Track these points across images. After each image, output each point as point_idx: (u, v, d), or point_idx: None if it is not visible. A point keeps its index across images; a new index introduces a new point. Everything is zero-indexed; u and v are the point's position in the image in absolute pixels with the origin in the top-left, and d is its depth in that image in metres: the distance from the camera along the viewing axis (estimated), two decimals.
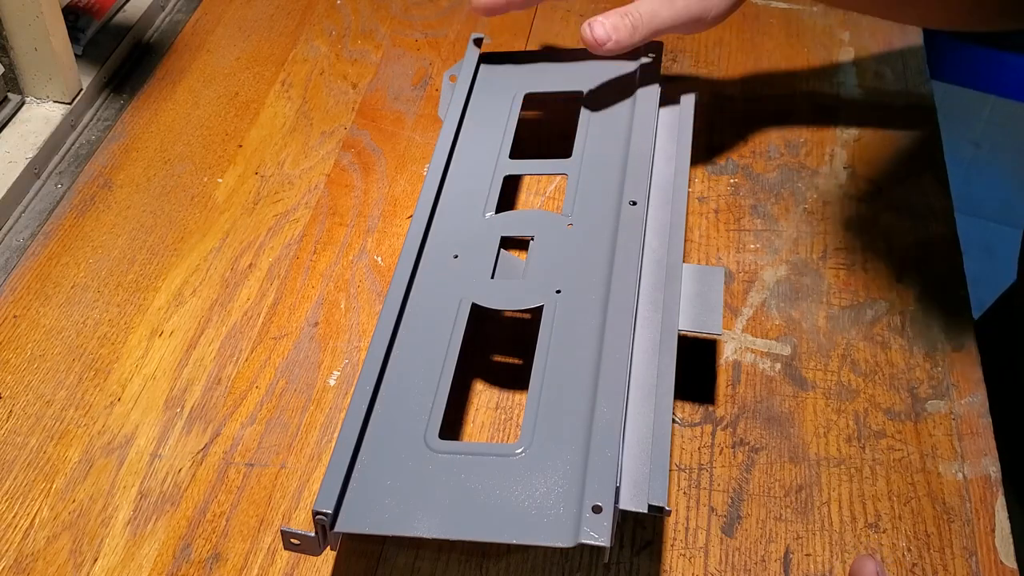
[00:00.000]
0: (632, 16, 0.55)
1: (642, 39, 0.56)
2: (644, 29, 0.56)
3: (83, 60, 0.69)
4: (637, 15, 0.56)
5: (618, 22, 0.55)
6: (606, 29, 0.55)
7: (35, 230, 0.62)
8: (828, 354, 0.56)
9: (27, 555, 0.47)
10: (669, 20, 0.56)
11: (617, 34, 0.55)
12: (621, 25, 0.55)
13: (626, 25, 0.55)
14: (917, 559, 0.48)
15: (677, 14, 0.56)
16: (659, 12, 0.56)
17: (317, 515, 0.41)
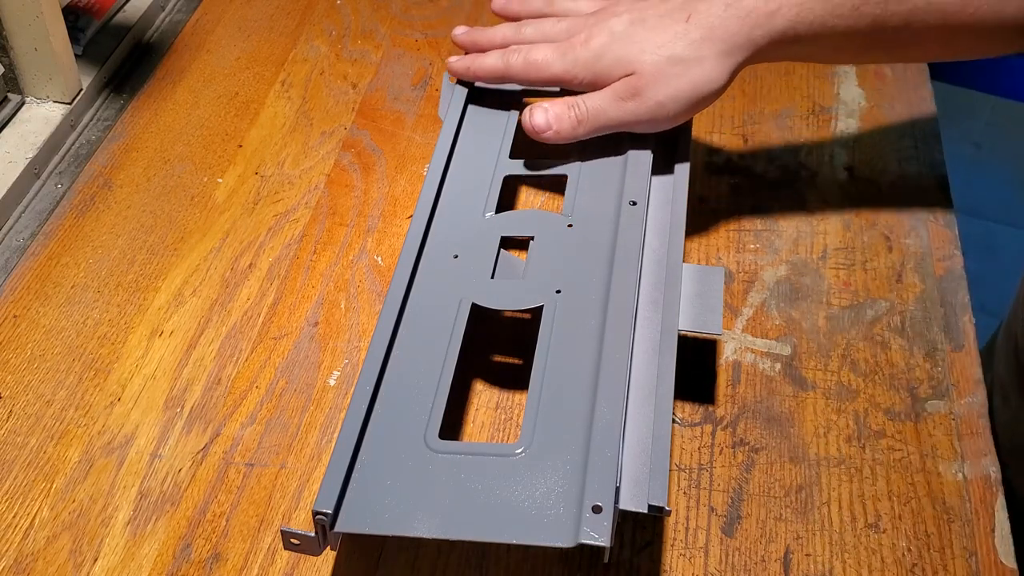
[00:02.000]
0: (578, 109, 0.53)
1: (585, 134, 0.54)
2: (589, 124, 0.54)
3: (83, 60, 0.69)
4: (583, 109, 0.54)
5: (562, 113, 0.54)
6: (548, 118, 0.54)
7: (35, 230, 0.62)
8: (828, 354, 0.56)
9: (27, 555, 0.47)
10: (616, 119, 0.53)
11: (559, 124, 0.54)
12: (565, 116, 0.54)
13: (570, 117, 0.54)
14: (917, 559, 0.48)
15: (624, 115, 0.53)
16: (606, 110, 0.53)
17: (317, 515, 0.41)
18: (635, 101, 0.53)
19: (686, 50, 0.52)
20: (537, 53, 0.55)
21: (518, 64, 0.55)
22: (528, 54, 0.55)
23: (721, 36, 0.51)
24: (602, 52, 0.53)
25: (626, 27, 0.53)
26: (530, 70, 0.55)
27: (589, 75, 0.54)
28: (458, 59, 0.59)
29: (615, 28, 0.54)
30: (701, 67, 0.52)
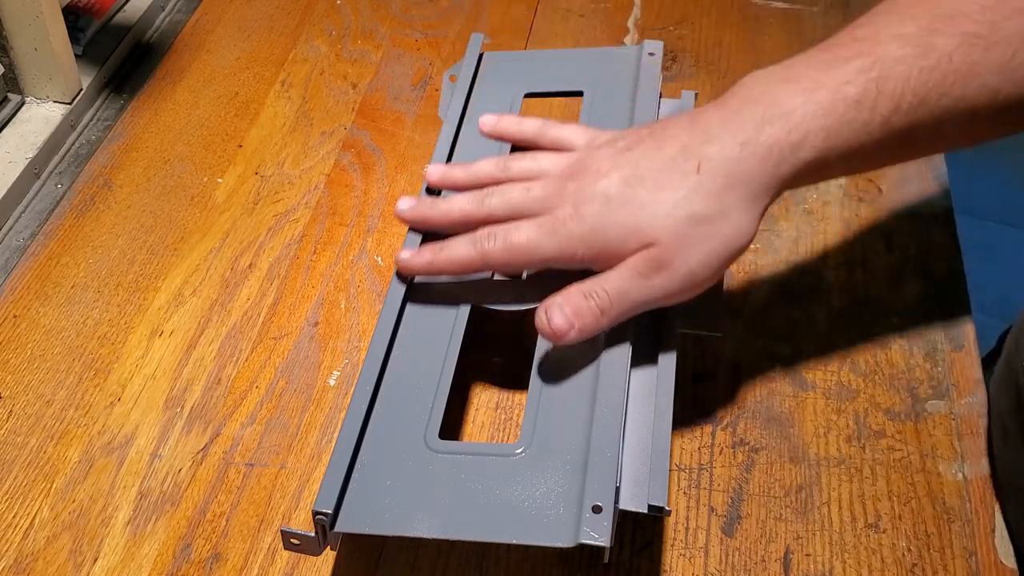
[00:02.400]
0: (598, 298, 0.44)
1: (610, 324, 0.44)
2: (613, 313, 0.44)
3: (83, 60, 0.69)
4: (603, 296, 0.44)
5: (581, 306, 0.44)
6: (567, 317, 0.44)
7: (35, 230, 0.62)
8: (828, 354, 0.56)
9: (27, 555, 0.47)
10: (643, 300, 0.44)
11: (581, 321, 0.44)
12: (585, 310, 0.44)
13: (591, 308, 0.44)
14: (917, 559, 0.48)
15: (652, 294, 0.44)
16: (630, 293, 0.44)
17: (317, 515, 0.41)
18: (662, 276, 0.44)
19: (707, 206, 0.43)
20: (518, 234, 0.45)
21: (497, 251, 0.46)
22: (507, 237, 0.45)
23: (743, 180, 0.43)
24: (602, 223, 0.44)
25: (622, 188, 0.45)
26: (514, 255, 0.46)
27: (591, 252, 0.45)
28: (413, 253, 0.49)
29: (609, 191, 0.45)
30: (728, 221, 0.43)
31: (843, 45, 0.45)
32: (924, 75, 0.43)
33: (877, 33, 0.44)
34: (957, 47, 0.43)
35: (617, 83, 0.61)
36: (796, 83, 0.44)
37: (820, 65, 0.44)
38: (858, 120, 0.43)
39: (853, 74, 0.43)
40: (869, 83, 0.43)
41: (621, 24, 0.77)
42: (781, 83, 0.44)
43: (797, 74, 0.44)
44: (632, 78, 0.61)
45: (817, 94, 0.43)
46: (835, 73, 0.43)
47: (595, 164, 0.46)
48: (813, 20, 0.77)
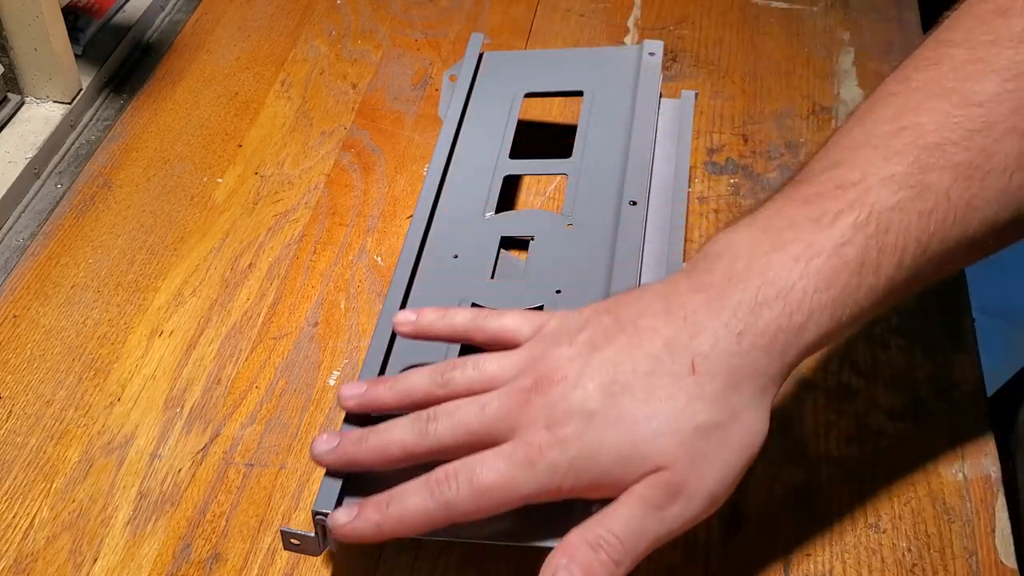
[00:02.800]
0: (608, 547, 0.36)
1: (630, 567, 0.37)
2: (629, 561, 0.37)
3: (83, 60, 0.69)
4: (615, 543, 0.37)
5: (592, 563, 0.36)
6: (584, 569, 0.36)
7: (35, 230, 0.62)
8: (828, 354, 0.56)
9: (27, 555, 0.47)
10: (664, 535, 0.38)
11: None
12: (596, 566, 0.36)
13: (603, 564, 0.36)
14: (917, 559, 0.48)
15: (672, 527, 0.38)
16: (646, 532, 0.37)
17: (317, 515, 0.41)
18: (679, 504, 0.37)
19: (713, 413, 0.37)
20: (486, 474, 0.37)
21: (463, 498, 0.37)
22: (473, 479, 0.37)
23: (748, 376, 0.38)
24: (590, 449, 0.37)
25: (604, 400, 0.38)
26: (484, 500, 0.37)
27: (581, 484, 0.38)
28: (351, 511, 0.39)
29: (588, 405, 0.38)
30: (740, 424, 0.38)
31: (827, 195, 0.39)
32: (923, 220, 0.38)
33: (864, 177, 0.39)
34: (953, 182, 0.38)
35: (617, 83, 0.61)
36: (785, 251, 0.38)
37: (807, 223, 0.38)
38: (863, 286, 0.38)
39: (849, 232, 0.38)
40: (868, 241, 0.38)
41: (621, 24, 0.77)
42: (768, 253, 0.38)
43: (783, 237, 0.38)
44: (632, 78, 0.61)
45: (813, 263, 0.37)
46: (828, 233, 0.38)
47: (559, 368, 0.39)
48: (813, 20, 0.77)
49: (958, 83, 0.40)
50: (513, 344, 0.42)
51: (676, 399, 0.37)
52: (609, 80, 0.61)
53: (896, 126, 0.40)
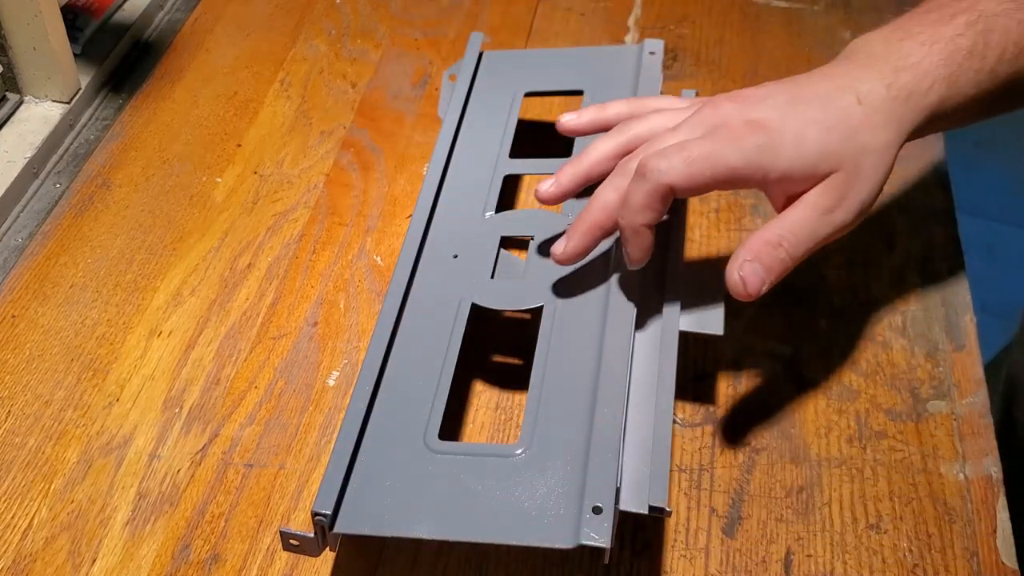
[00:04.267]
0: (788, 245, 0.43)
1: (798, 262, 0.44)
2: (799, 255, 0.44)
3: (81, 59, 0.69)
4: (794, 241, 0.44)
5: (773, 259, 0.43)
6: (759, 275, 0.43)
7: (33, 230, 0.61)
8: (829, 354, 0.56)
9: (25, 556, 0.47)
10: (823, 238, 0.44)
11: (773, 274, 0.43)
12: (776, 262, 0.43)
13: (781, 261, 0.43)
14: (918, 559, 0.48)
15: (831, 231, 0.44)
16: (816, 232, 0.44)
17: (316, 516, 0.41)
18: (842, 208, 0.44)
19: (874, 138, 0.44)
20: (697, 148, 0.43)
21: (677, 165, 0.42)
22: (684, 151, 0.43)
23: (894, 119, 0.45)
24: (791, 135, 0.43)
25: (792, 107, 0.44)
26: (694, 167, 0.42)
27: (779, 169, 0.43)
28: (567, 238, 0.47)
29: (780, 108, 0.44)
30: (883, 156, 0.45)
31: (946, 5, 0.47)
32: (1021, 27, 0.46)
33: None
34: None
35: (617, 82, 0.61)
36: (913, 39, 0.46)
37: (930, 22, 0.47)
38: (971, 68, 0.46)
39: (963, 28, 0.46)
40: (977, 35, 0.46)
41: (621, 23, 0.77)
42: (900, 40, 0.46)
43: (911, 31, 0.47)
44: (633, 77, 0.60)
45: (935, 46, 0.46)
46: (946, 28, 0.46)
47: (743, 93, 0.46)
48: (814, 19, 0.77)
49: None
50: None
51: (849, 119, 0.44)
52: (609, 79, 0.61)
53: None
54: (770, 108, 0.44)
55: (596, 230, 0.46)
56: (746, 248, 0.43)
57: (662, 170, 0.42)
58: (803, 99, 0.45)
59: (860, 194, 0.44)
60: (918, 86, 0.45)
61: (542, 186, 0.49)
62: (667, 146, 0.44)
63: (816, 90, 0.45)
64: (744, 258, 0.43)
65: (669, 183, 0.42)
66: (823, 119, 0.44)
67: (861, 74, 0.46)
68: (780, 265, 0.43)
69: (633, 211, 0.44)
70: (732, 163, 0.43)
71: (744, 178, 0.43)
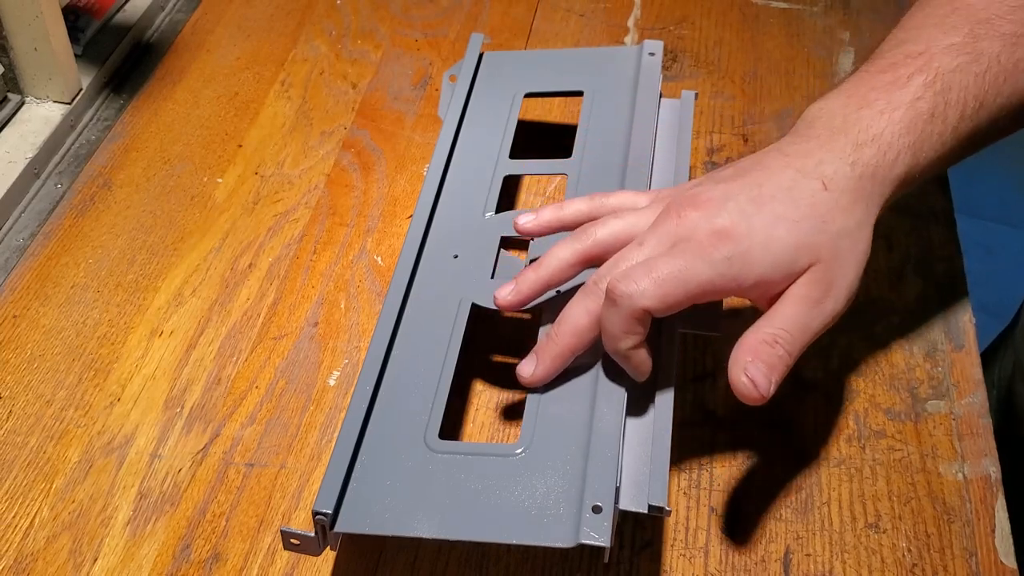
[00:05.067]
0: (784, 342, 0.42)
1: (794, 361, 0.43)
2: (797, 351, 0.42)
3: (83, 60, 0.69)
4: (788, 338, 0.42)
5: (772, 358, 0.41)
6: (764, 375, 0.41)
7: (35, 230, 0.62)
8: (828, 354, 0.56)
9: (27, 555, 0.47)
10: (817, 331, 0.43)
11: (777, 374, 0.41)
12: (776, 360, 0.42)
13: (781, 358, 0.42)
14: (917, 559, 0.48)
15: (824, 321, 0.43)
16: (810, 326, 0.42)
17: (317, 515, 0.41)
18: (831, 297, 0.43)
19: (846, 220, 0.43)
20: (665, 267, 0.41)
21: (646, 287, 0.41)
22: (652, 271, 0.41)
23: (863, 197, 0.44)
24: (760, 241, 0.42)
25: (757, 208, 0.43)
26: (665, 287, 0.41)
27: (751, 278, 0.42)
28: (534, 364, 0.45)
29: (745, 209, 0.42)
30: (861, 235, 0.44)
31: (899, 64, 0.46)
32: (980, 80, 0.45)
33: (928, 48, 0.46)
34: (1002, 49, 0.46)
35: (617, 83, 0.61)
36: (871, 107, 0.45)
37: (885, 86, 0.45)
38: (934, 132, 0.45)
39: (921, 89, 0.45)
40: (936, 96, 0.45)
41: (621, 24, 0.77)
42: (858, 110, 0.45)
43: (867, 98, 0.45)
44: (632, 78, 0.61)
45: (895, 114, 0.44)
46: (904, 92, 0.45)
47: (702, 195, 0.44)
48: (813, 20, 0.77)
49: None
50: None
51: (817, 207, 0.43)
52: (609, 80, 0.61)
53: (950, 8, 0.48)
54: (734, 212, 0.42)
55: (567, 354, 0.45)
56: (743, 349, 0.41)
57: (633, 295, 0.41)
58: (767, 196, 0.43)
59: (846, 279, 0.43)
60: (883, 159, 0.44)
61: (500, 292, 0.47)
62: (633, 265, 0.42)
63: (779, 182, 0.43)
64: (745, 359, 0.41)
65: (643, 308, 0.41)
66: (790, 213, 0.42)
67: (823, 155, 0.44)
68: (780, 363, 0.41)
69: (615, 339, 0.42)
70: (703, 279, 0.41)
71: (719, 290, 0.42)
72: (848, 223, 0.43)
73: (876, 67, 0.47)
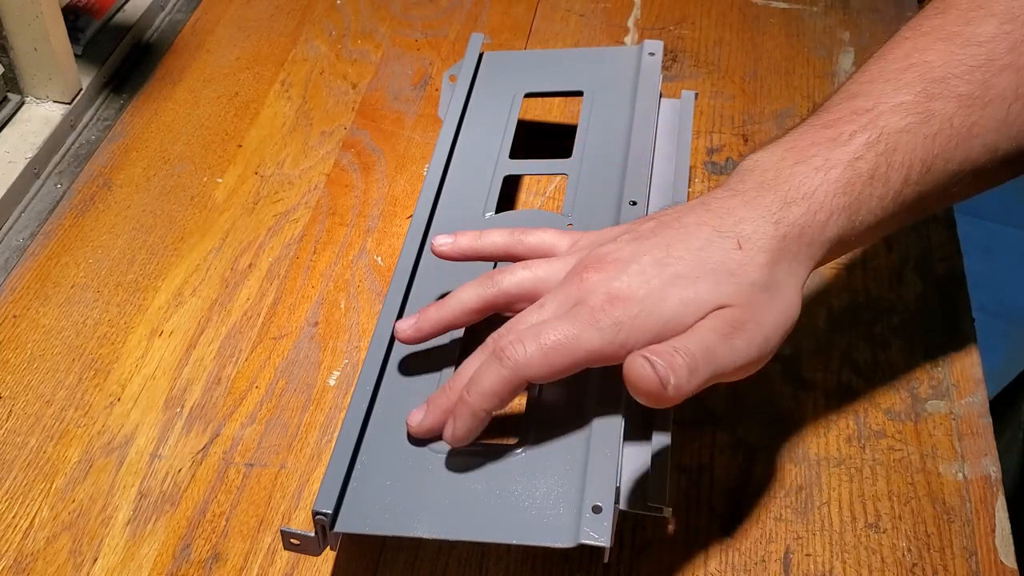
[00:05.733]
0: (686, 355, 0.39)
1: (697, 388, 0.39)
2: (702, 374, 0.39)
3: (83, 60, 0.69)
4: (691, 355, 0.39)
5: (673, 361, 0.38)
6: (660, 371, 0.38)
7: (35, 230, 0.62)
8: (828, 354, 0.56)
9: (27, 555, 0.47)
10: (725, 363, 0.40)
11: (676, 377, 0.38)
12: (678, 365, 0.38)
13: (682, 366, 0.38)
14: (917, 559, 0.48)
15: (734, 357, 0.40)
16: (715, 352, 0.39)
17: (317, 515, 0.41)
18: (743, 338, 0.40)
19: (762, 276, 0.41)
20: (552, 334, 0.40)
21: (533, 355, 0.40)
22: (540, 338, 0.40)
23: (785, 256, 0.42)
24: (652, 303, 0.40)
25: (660, 270, 0.41)
26: (552, 356, 0.40)
27: (646, 337, 0.40)
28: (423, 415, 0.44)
29: (646, 273, 0.41)
30: (783, 293, 0.41)
31: (844, 118, 0.44)
32: (929, 142, 0.43)
33: (876, 104, 0.43)
34: (956, 111, 0.43)
35: (617, 83, 0.61)
36: (808, 163, 0.42)
37: (826, 142, 0.43)
38: (874, 196, 0.42)
39: (862, 148, 0.42)
40: (879, 157, 0.42)
41: (621, 24, 0.77)
42: (793, 165, 0.43)
43: (806, 153, 0.43)
44: (632, 78, 0.61)
45: (832, 173, 0.42)
46: (844, 150, 0.42)
47: (610, 254, 0.42)
48: (813, 20, 0.77)
49: (961, 27, 0.45)
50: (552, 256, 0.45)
51: (727, 264, 0.41)
52: (609, 80, 0.61)
53: (906, 63, 0.45)
54: (634, 275, 0.41)
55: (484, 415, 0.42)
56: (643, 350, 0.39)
57: (518, 361, 0.40)
58: (673, 258, 0.41)
59: (760, 328, 0.40)
60: (813, 219, 0.42)
61: (401, 324, 0.46)
62: (526, 328, 0.41)
63: (690, 243, 0.41)
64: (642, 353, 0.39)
65: (525, 376, 0.40)
66: (692, 272, 0.41)
67: (745, 212, 0.42)
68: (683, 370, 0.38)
69: (479, 394, 0.41)
70: (592, 347, 0.40)
71: (608, 357, 0.40)
72: (765, 279, 0.41)
73: (820, 121, 0.44)
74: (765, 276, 0.41)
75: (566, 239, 0.46)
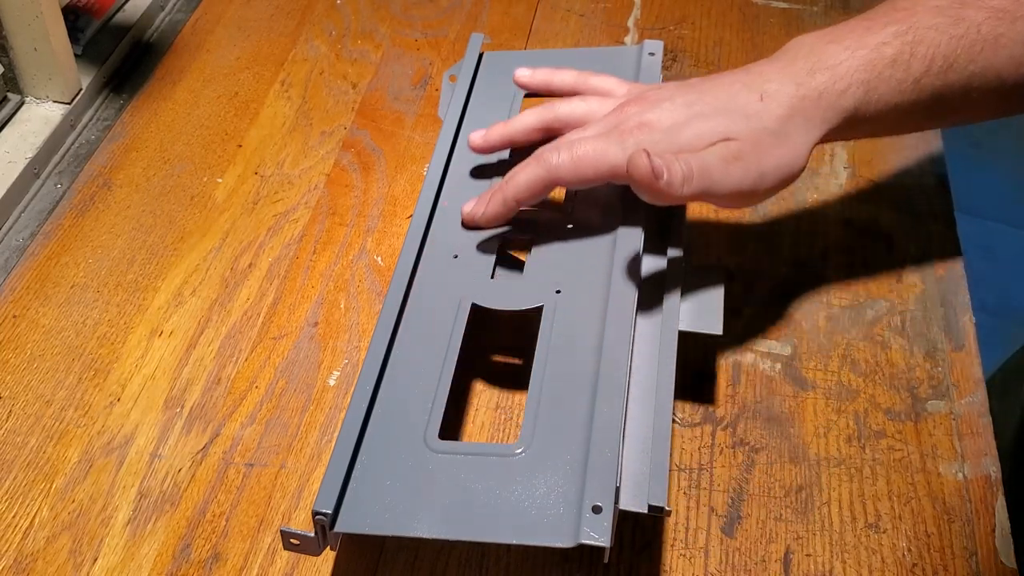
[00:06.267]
0: (685, 164, 0.45)
1: (689, 195, 0.45)
2: (695, 184, 0.45)
3: (83, 60, 0.69)
4: (690, 165, 0.45)
5: (671, 163, 0.44)
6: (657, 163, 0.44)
7: (35, 230, 0.62)
8: (828, 354, 0.56)
9: (27, 555, 0.47)
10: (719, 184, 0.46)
11: (670, 174, 0.44)
12: (675, 168, 0.44)
13: (680, 170, 0.44)
14: (917, 559, 0.48)
15: (728, 180, 0.46)
16: (712, 171, 0.45)
17: (317, 515, 0.41)
18: (739, 166, 0.46)
19: (774, 124, 0.47)
20: (584, 145, 0.48)
21: (564, 161, 0.48)
22: (574, 148, 0.48)
23: (800, 113, 0.47)
24: (673, 131, 0.47)
25: (686, 108, 0.48)
26: (580, 164, 0.47)
27: None
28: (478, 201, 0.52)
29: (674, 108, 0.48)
30: (790, 143, 0.47)
31: (882, 14, 0.49)
32: (954, 42, 0.47)
33: (914, 5, 0.49)
34: (986, 19, 0.48)
35: None
36: (840, 43, 0.48)
37: (861, 30, 0.49)
38: (894, 77, 0.47)
39: (890, 37, 0.48)
40: (904, 45, 0.47)
41: (621, 24, 0.77)
42: (826, 44, 0.48)
43: (840, 36, 0.49)
44: (632, 78, 0.61)
45: (858, 52, 0.47)
46: (873, 36, 0.48)
47: (651, 94, 0.50)
48: (813, 20, 0.77)
49: None
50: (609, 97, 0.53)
51: (745, 108, 0.47)
52: None
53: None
54: (665, 110, 0.48)
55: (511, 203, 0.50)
56: None
57: (552, 163, 0.48)
58: (701, 101, 0.48)
59: (759, 163, 0.46)
60: (832, 87, 0.47)
61: (474, 134, 0.54)
62: (565, 141, 0.49)
63: (719, 93, 0.48)
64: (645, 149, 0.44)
65: (556, 177, 0.48)
66: (712, 113, 0.47)
67: (773, 75, 0.48)
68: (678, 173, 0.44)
69: (514, 185, 0.49)
70: (613, 161, 0.47)
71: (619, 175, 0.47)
72: (775, 127, 0.47)
73: (863, 16, 0.50)
74: (777, 125, 0.47)
75: (624, 86, 0.54)
